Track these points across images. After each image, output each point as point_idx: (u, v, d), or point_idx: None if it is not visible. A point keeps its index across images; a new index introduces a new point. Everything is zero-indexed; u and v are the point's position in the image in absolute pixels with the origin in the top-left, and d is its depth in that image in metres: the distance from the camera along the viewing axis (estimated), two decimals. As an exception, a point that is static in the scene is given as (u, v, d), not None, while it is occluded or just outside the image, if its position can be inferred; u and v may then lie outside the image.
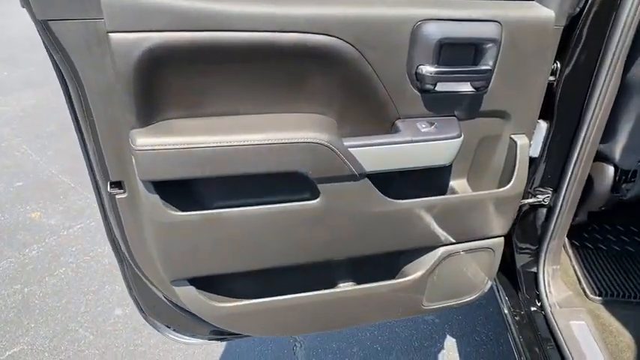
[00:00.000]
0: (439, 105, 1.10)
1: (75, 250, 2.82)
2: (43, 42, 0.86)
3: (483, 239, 1.31)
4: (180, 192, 1.04)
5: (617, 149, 1.42)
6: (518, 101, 1.16)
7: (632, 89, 1.33)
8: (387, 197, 1.12)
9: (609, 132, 1.38)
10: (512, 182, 1.21)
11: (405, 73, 1.03)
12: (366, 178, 1.07)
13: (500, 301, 1.60)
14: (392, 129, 1.10)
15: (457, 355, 2.25)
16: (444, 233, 1.24)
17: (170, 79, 0.92)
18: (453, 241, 1.27)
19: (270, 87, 1.00)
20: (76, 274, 2.65)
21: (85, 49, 0.86)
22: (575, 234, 1.81)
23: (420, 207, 1.16)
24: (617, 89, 1.23)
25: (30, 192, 3.35)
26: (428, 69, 1.01)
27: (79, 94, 0.91)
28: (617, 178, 1.49)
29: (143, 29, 0.84)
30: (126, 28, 0.83)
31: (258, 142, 0.95)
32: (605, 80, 1.19)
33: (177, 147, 0.91)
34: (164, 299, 1.27)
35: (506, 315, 1.55)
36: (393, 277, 1.34)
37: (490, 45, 1.03)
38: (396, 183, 1.18)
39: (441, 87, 1.05)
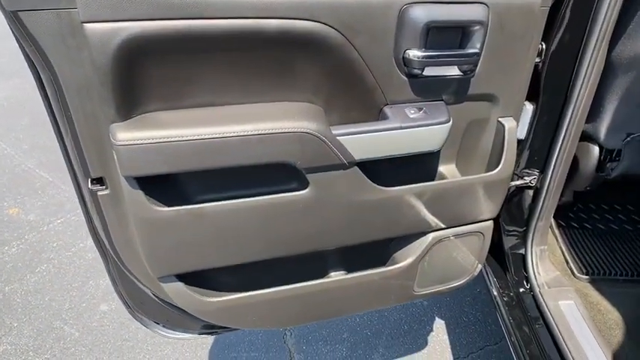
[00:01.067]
0: (427, 90, 1.08)
1: (56, 246, 2.75)
2: (13, 33, 0.81)
3: (473, 223, 1.31)
4: (164, 186, 1.00)
5: (602, 129, 1.43)
6: (506, 84, 1.15)
7: (616, 68, 1.33)
8: (376, 185, 1.11)
9: (594, 112, 1.39)
10: (500, 165, 1.21)
11: (392, 58, 1.00)
12: (356, 167, 1.05)
13: (488, 283, 1.62)
14: (380, 115, 1.08)
15: (446, 336, 2.28)
16: (434, 219, 1.23)
17: (150, 70, 0.88)
18: (443, 226, 1.27)
19: (254, 75, 0.97)
20: (58, 270, 2.59)
21: (58, 40, 0.81)
22: (561, 214, 1.83)
23: (410, 193, 1.15)
24: (602, 68, 1.23)
25: (6, 188, 3.25)
26: (415, 53, 0.98)
27: (55, 88, 0.87)
28: (601, 157, 1.50)
29: (120, 18, 0.80)
30: (101, 18, 0.79)
31: (245, 133, 0.92)
32: (590, 60, 1.19)
33: (160, 141, 0.88)
34: (152, 295, 1.24)
35: (495, 296, 1.56)
36: (384, 265, 1.33)
37: (477, 27, 1.01)
38: (385, 170, 1.16)
39: (428, 71, 1.03)
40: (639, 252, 1.66)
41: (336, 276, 1.30)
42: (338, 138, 0.99)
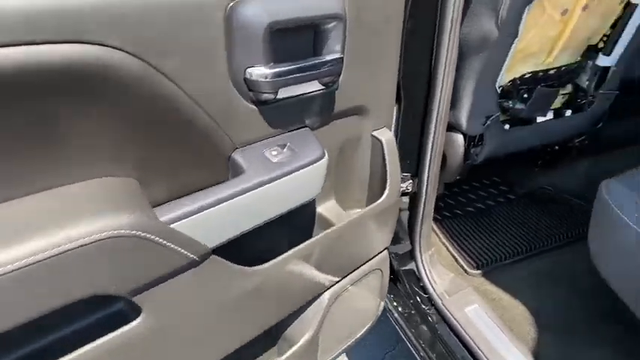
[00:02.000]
0: (284, 117, 0.78)
1: None
2: None
3: (368, 261, 1.07)
4: None
5: (463, 116, 1.32)
6: (374, 90, 0.91)
7: (466, 52, 1.22)
8: (246, 267, 0.77)
9: (452, 100, 1.26)
10: (387, 187, 0.98)
11: (228, 83, 0.67)
12: (213, 256, 0.69)
13: (386, 302, 1.42)
14: (231, 167, 0.73)
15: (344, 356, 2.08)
16: (327, 276, 0.95)
17: None
18: (338, 279, 0.99)
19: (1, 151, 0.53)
20: None
21: None
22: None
23: (293, 260, 0.84)
24: (457, 54, 1.08)
25: None
26: (261, 72, 0.67)
27: None
28: (466, 144, 1.41)
29: None
30: None
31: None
32: (448, 44, 1.03)
33: None
34: None
35: (397, 319, 1.37)
36: (274, 345, 1.01)
37: (334, 24, 0.74)
38: (251, 237, 0.83)
39: (283, 93, 0.73)
40: (508, 229, 1.64)
41: None
42: (173, 226, 0.62)
